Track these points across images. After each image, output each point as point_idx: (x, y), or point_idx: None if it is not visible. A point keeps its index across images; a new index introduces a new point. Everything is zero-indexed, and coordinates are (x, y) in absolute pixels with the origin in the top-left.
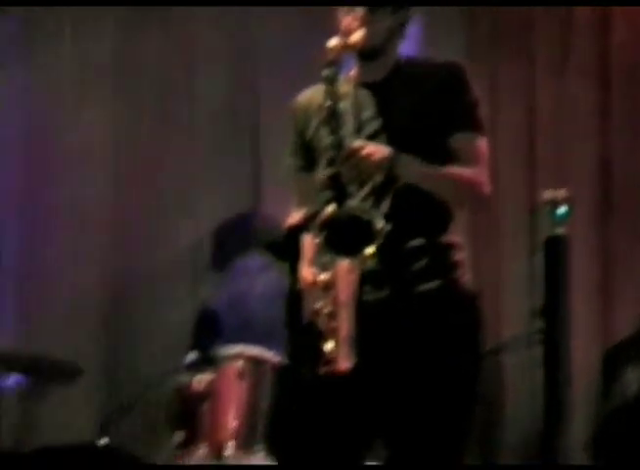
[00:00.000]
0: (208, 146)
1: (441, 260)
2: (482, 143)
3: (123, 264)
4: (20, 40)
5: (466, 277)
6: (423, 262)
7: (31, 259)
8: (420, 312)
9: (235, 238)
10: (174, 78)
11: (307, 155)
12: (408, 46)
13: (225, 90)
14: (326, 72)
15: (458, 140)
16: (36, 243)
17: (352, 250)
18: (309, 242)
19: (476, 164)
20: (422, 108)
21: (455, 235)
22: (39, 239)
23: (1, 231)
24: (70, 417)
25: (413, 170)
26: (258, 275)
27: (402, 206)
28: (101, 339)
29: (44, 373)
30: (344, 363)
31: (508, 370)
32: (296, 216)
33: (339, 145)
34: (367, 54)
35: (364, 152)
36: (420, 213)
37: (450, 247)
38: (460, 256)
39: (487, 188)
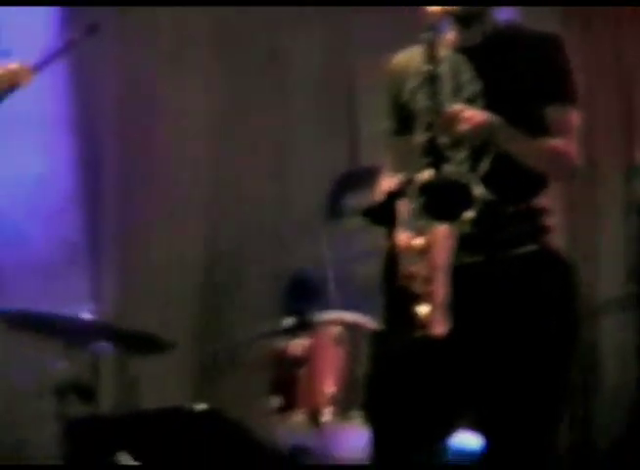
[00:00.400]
0: (305, 110)
1: (535, 225)
2: (574, 115)
3: (219, 231)
4: (117, 8)
5: (556, 242)
6: (518, 227)
7: (129, 230)
8: (515, 276)
9: (346, 196)
10: (270, 43)
11: (402, 119)
12: (504, 13)
13: (320, 55)
14: (425, 36)
15: (550, 111)
16: (134, 214)
17: (449, 215)
18: (405, 206)
19: (566, 136)
20: (517, 74)
21: (547, 200)
22: (136, 210)
23: (98, 202)
24: (167, 383)
25: (509, 138)
26: (356, 237)
27: (499, 170)
28: (196, 306)
29: (136, 345)
30: (439, 327)
31: (603, 333)
32: (389, 181)
33: (436, 109)
34: (465, 19)
35: (462, 116)
36: (516, 178)
37: (543, 211)
38: (552, 220)
39: (577, 160)
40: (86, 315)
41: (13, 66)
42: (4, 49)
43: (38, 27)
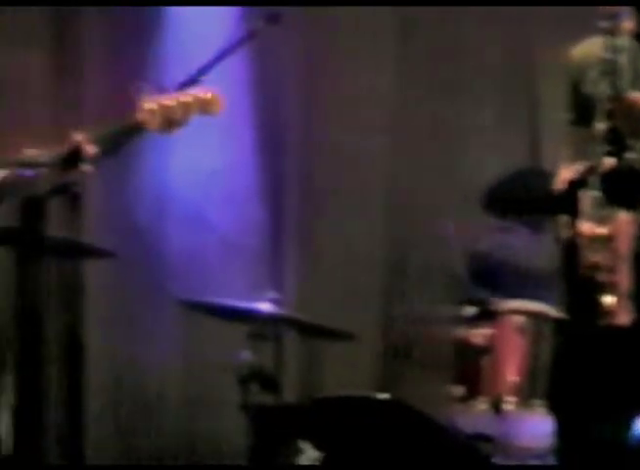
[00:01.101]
0: (486, 102)
1: None
2: None
3: (398, 220)
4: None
5: None
6: None
7: (311, 219)
8: None
9: (514, 193)
10: (452, 34)
11: (582, 108)
12: None
13: (502, 46)
14: (605, 24)
15: None
16: (315, 203)
17: (632, 203)
18: (587, 195)
19: None
20: None
21: None
22: (318, 198)
23: (281, 191)
24: (350, 373)
25: None
26: (531, 229)
27: None
28: (378, 295)
29: (318, 336)
30: (624, 317)
31: None
32: (569, 170)
33: (618, 97)
34: None
35: None
36: None
37: None
38: None
39: None
40: (269, 305)
41: (203, 94)
42: (163, 86)
43: (219, 20)
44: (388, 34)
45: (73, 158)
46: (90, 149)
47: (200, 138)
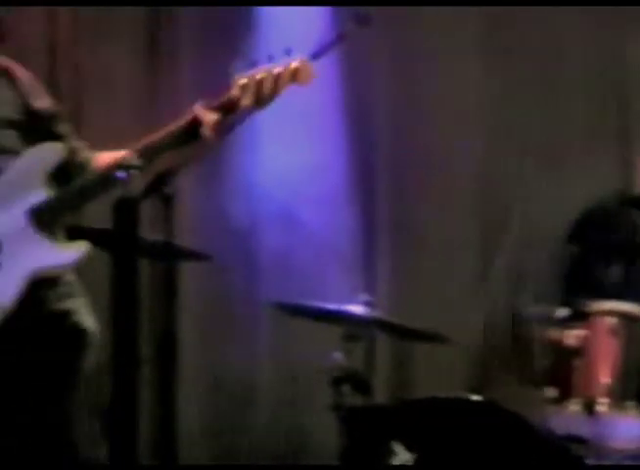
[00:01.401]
0: (577, 112)
1: None
2: None
3: (490, 222)
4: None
5: None
6: None
7: (403, 221)
8: None
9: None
10: (546, 39)
11: None
12: None
13: (595, 54)
14: None
15: None
16: (407, 204)
17: None
18: None
19: None
20: None
21: None
22: (410, 199)
23: (372, 191)
24: (443, 374)
25: None
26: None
27: None
28: (471, 297)
29: (411, 339)
30: None
31: None
32: None
33: None
34: None
35: None
36: None
37: None
38: None
39: None
40: (362, 308)
41: (294, 63)
42: (250, 62)
43: (309, 21)
44: (476, 34)
45: (194, 129)
46: (210, 116)
47: (290, 137)
